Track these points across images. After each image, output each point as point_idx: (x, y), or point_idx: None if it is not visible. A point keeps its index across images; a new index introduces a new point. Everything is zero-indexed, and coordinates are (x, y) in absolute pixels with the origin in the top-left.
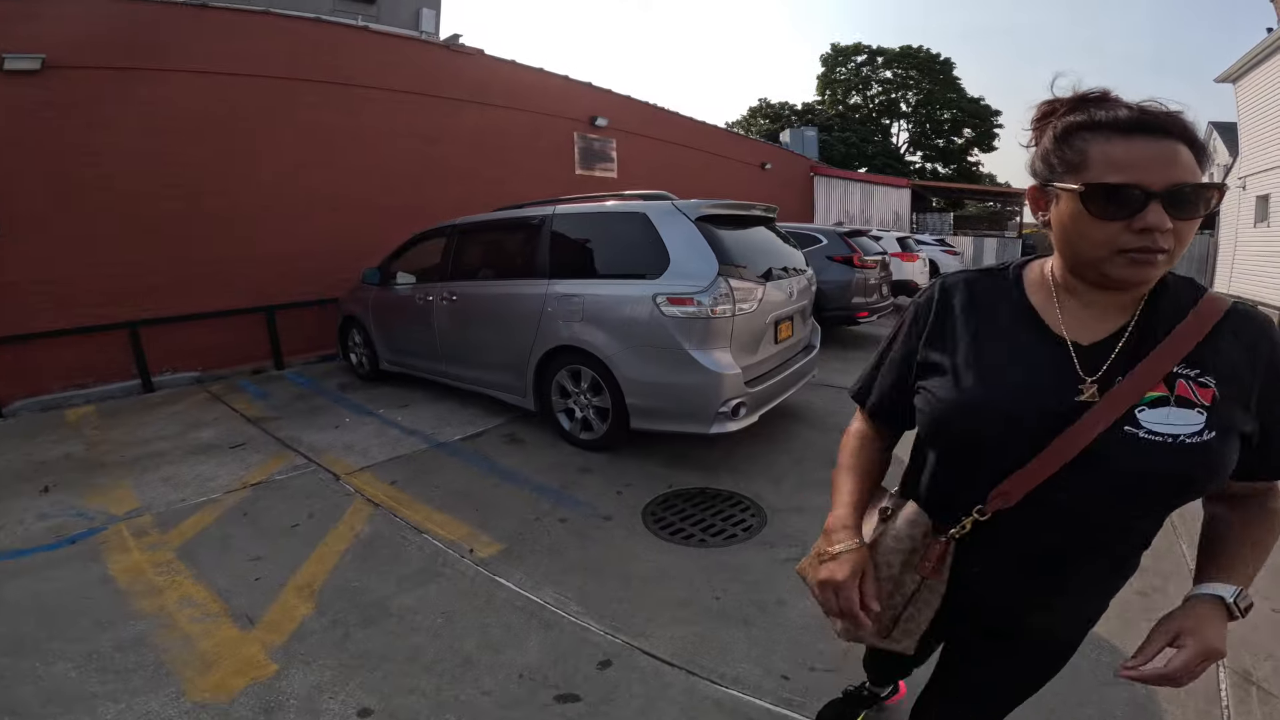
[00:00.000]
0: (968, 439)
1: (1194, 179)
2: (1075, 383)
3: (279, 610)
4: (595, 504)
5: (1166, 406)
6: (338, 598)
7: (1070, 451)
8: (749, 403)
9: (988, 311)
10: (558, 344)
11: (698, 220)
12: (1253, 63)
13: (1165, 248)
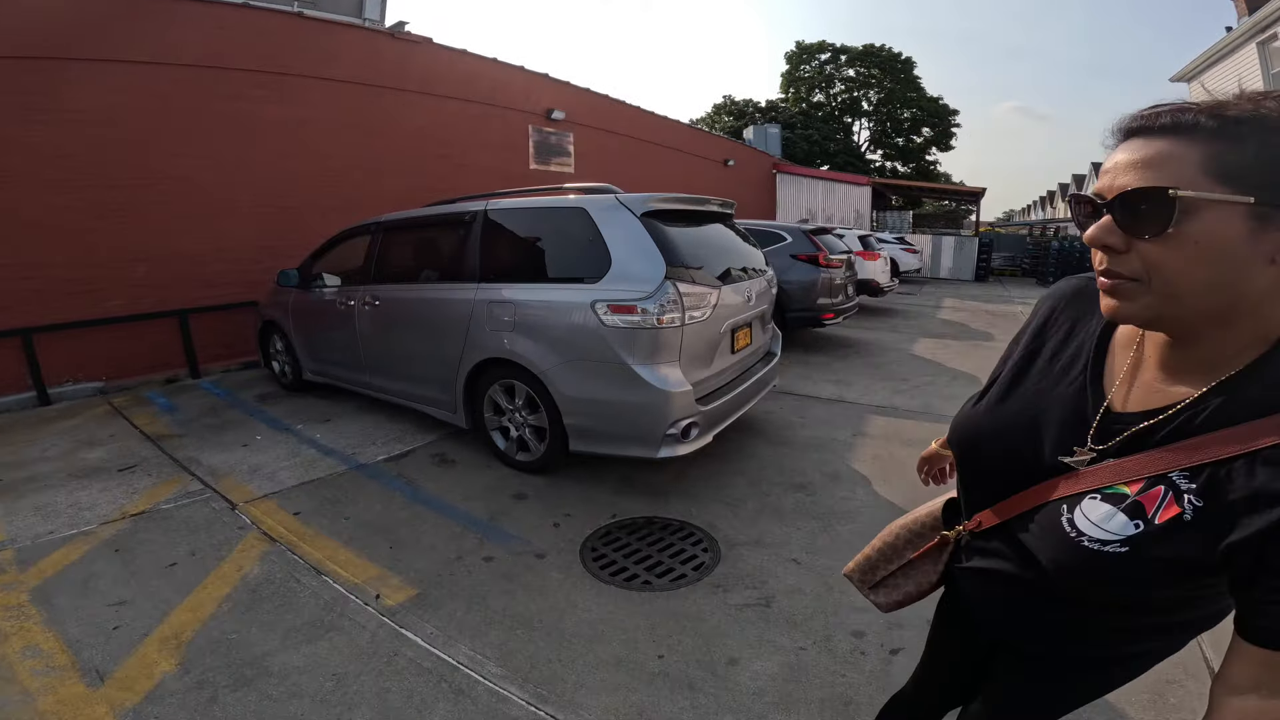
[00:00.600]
0: (961, 453)
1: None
2: (1075, 443)
3: (136, 665)
4: (528, 538)
5: (1115, 507)
6: (209, 652)
7: (1020, 507)
8: (701, 423)
9: (1069, 328)
10: (488, 356)
11: (644, 216)
12: (1208, 62)
13: (1120, 271)
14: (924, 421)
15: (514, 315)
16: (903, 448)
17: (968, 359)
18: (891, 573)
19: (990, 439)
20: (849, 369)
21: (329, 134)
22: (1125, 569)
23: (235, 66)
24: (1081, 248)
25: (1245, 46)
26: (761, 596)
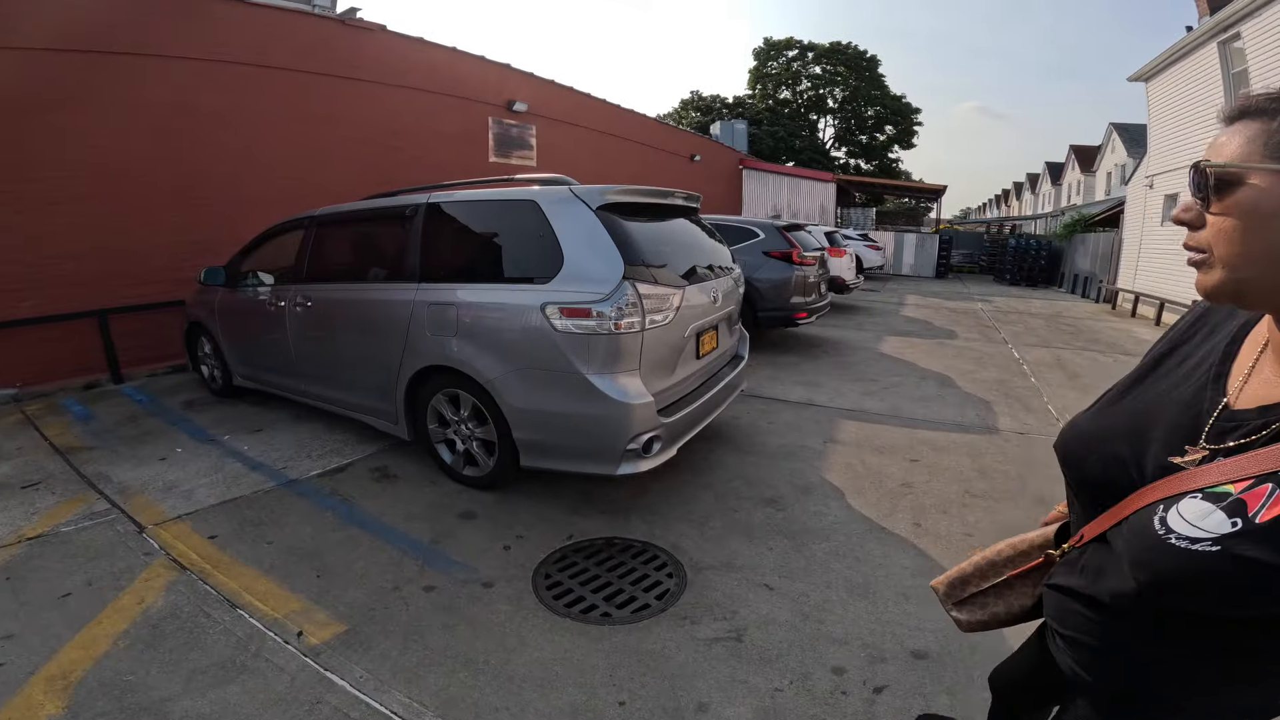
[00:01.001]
0: (1065, 463)
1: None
2: (1188, 442)
3: (20, 707)
4: (475, 564)
5: (1214, 505)
6: (100, 695)
7: (1119, 516)
8: (664, 436)
9: (1209, 332)
10: (430, 363)
11: (600, 210)
12: (1167, 62)
13: (1191, 245)
14: (894, 426)
15: (457, 319)
16: (875, 455)
17: (934, 358)
18: (983, 590)
19: (1095, 442)
20: (817, 369)
21: (271, 124)
22: (1214, 573)
23: (166, 54)
24: (1037, 245)
25: (1206, 46)
26: (732, 629)
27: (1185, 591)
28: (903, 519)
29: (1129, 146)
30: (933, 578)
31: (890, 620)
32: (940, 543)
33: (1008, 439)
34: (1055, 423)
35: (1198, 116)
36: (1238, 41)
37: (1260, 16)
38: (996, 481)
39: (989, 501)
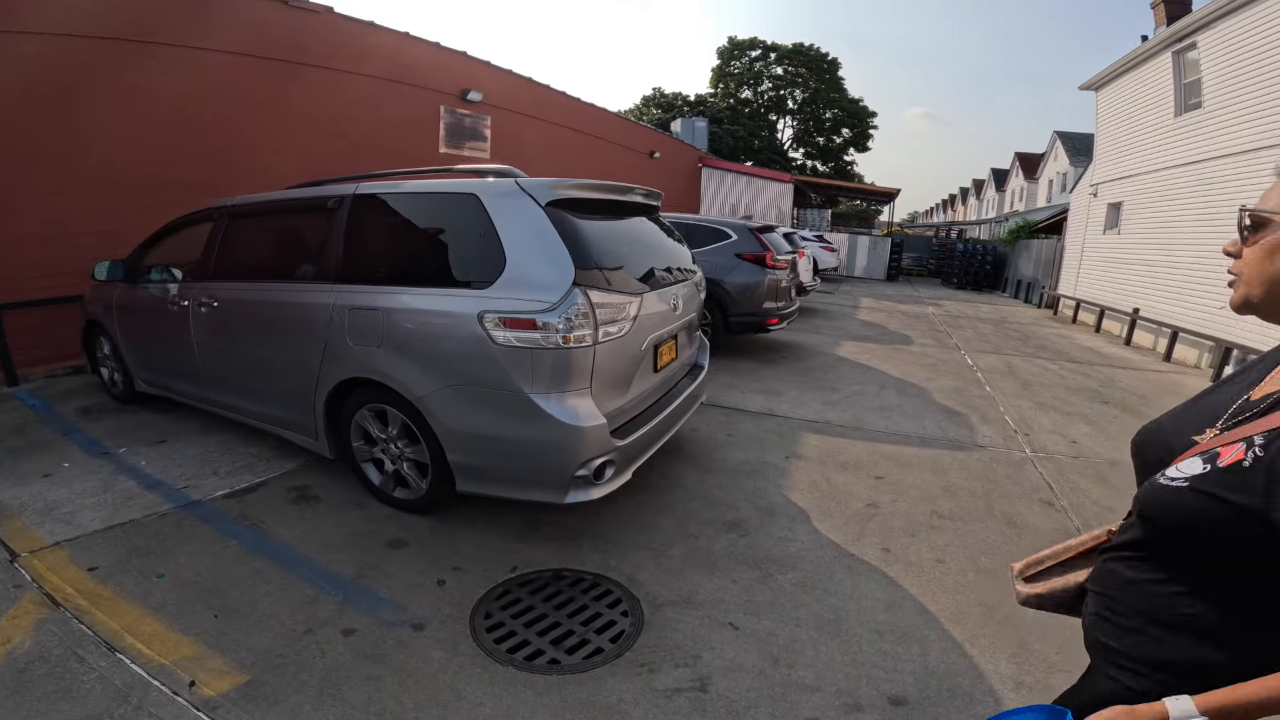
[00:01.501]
0: (1134, 454)
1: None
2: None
3: None
4: (404, 602)
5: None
6: None
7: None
8: (619, 460)
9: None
10: (352, 375)
11: (550, 206)
12: (1119, 70)
13: (1230, 270)
14: (857, 440)
15: (383, 326)
16: (839, 472)
17: (891, 364)
18: (1049, 567)
19: (1156, 435)
20: (777, 376)
21: (202, 108)
22: (1181, 505)
23: (89, 34)
24: (983, 250)
25: (1160, 55)
26: (695, 677)
27: (1161, 523)
28: (871, 544)
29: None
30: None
31: (865, 661)
32: (911, 570)
33: (970, 453)
34: (1014, 434)
35: (1145, 125)
36: (1193, 51)
37: (1218, 26)
38: (963, 501)
39: (957, 523)
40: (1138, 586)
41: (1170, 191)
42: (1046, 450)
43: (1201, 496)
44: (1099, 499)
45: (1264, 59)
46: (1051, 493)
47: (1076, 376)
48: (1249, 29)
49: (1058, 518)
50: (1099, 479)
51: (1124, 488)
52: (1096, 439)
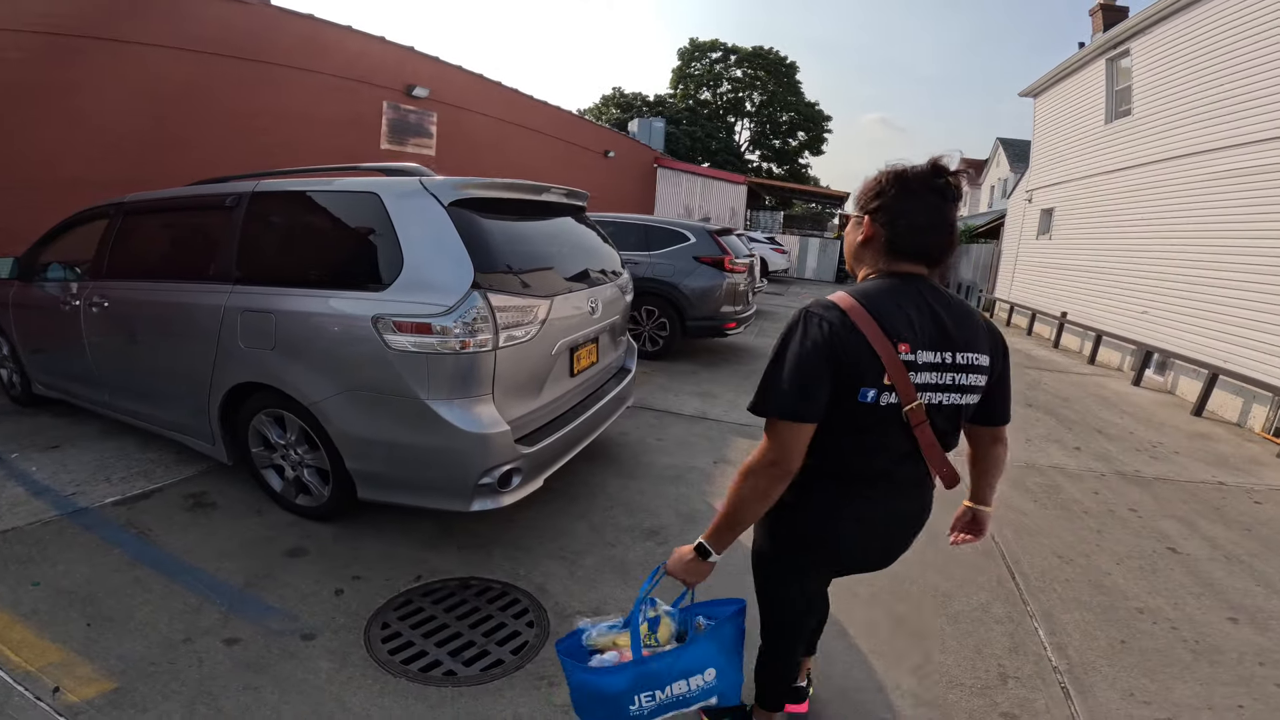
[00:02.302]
0: None
1: None
2: None
3: None
4: (296, 611)
5: None
6: None
7: None
8: (526, 467)
9: None
10: (245, 379)
11: (455, 206)
12: (1057, 77)
13: None
14: None
15: (275, 329)
16: None
17: None
18: None
19: None
20: (715, 378)
21: (116, 103)
22: None
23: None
24: None
25: (1095, 62)
26: None
27: None
28: None
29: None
30: None
31: None
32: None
33: None
34: None
35: (1077, 132)
36: (1126, 59)
37: (1152, 33)
38: None
39: None
40: None
41: (1098, 198)
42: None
43: None
44: (1014, 503)
45: (1193, 65)
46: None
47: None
48: (1181, 35)
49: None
50: (1015, 482)
51: (1037, 491)
52: (1018, 442)
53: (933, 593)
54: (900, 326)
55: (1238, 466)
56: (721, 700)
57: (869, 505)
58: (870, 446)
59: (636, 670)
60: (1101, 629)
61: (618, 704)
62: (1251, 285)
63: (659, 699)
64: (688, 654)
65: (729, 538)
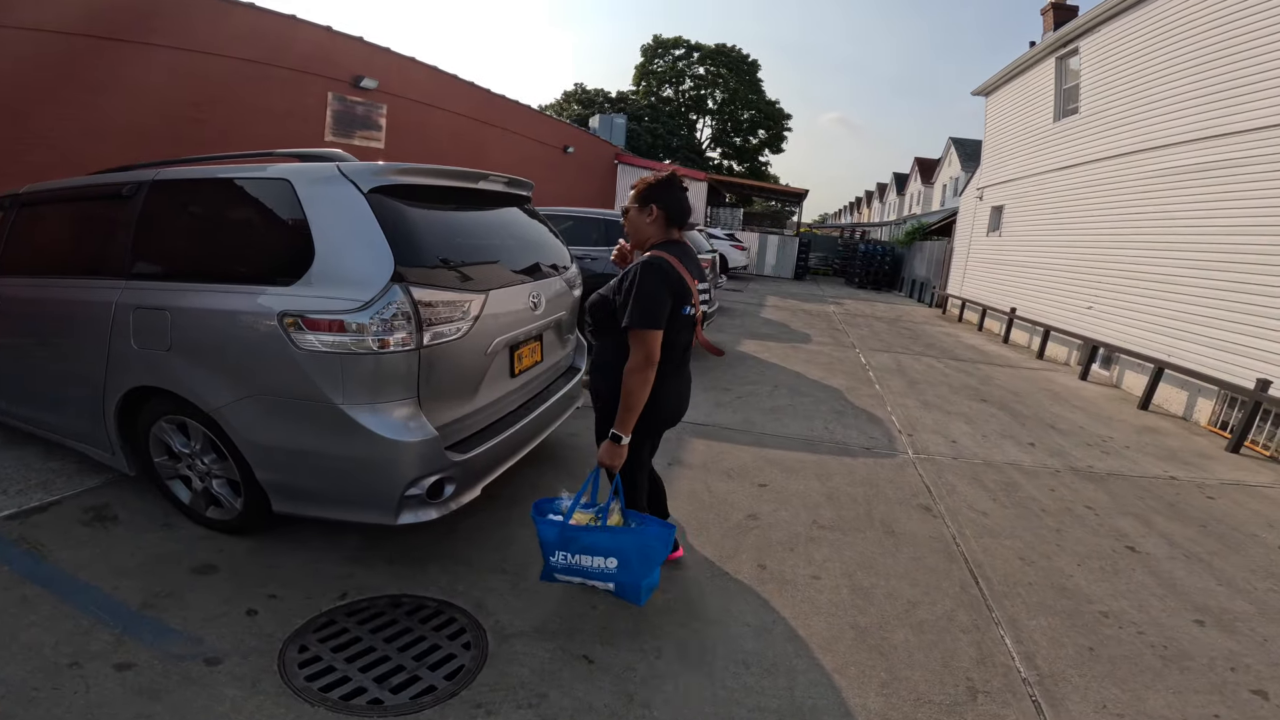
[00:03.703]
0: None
1: None
2: None
3: None
4: (201, 633)
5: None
6: None
7: None
8: (460, 476)
9: None
10: (140, 383)
11: (376, 193)
12: (1008, 77)
13: None
14: (744, 444)
15: (170, 327)
16: (722, 480)
17: (788, 362)
18: None
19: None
20: None
21: (25, 90)
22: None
23: None
24: (882, 251)
25: (1045, 61)
26: (543, 716)
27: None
28: (747, 560)
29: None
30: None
31: (727, 699)
32: (786, 589)
33: (855, 456)
34: (899, 434)
35: (1026, 130)
36: (1075, 57)
37: (1099, 32)
38: (844, 508)
39: (837, 534)
40: (599, 354)
41: (1046, 195)
42: (928, 451)
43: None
44: (973, 502)
45: (1138, 64)
46: (930, 496)
47: (959, 375)
48: (1127, 34)
49: (934, 524)
50: (974, 480)
51: (995, 489)
52: (974, 438)
53: (895, 600)
54: (690, 268)
55: (1187, 461)
56: (618, 591)
57: (681, 381)
58: (683, 343)
59: (561, 530)
60: (1069, 635)
61: (548, 548)
62: (1195, 280)
63: (569, 561)
64: (599, 536)
65: (631, 421)
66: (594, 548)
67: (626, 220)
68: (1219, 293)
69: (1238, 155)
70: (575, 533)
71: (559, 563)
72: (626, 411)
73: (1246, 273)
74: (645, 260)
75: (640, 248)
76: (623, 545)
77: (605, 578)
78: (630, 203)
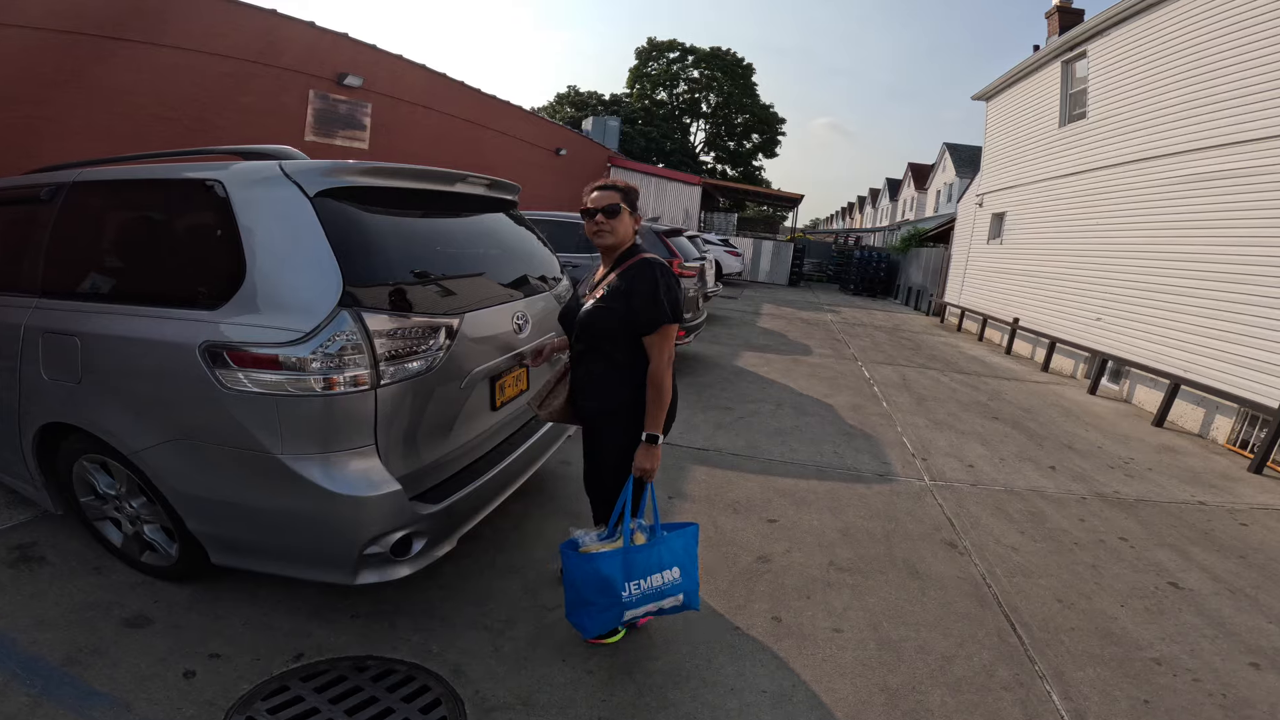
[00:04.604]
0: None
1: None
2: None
3: None
4: (128, 698)
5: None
6: None
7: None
8: (431, 529)
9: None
10: (52, 419)
11: (325, 197)
12: (1010, 81)
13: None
14: (751, 472)
15: (80, 356)
16: (728, 516)
17: (789, 378)
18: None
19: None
20: None
21: None
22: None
23: None
24: (877, 258)
25: (1050, 65)
26: None
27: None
28: (760, 611)
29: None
30: (797, 704)
31: None
32: (805, 646)
33: (869, 485)
34: (912, 458)
35: (1030, 135)
36: (1082, 61)
37: (1109, 35)
38: (862, 546)
39: (857, 577)
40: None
41: (1051, 202)
42: (945, 477)
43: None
44: (1000, 536)
45: (1151, 69)
46: (954, 530)
47: (966, 389)
48: (1140, 38)
49: (961, 562)
50: (998, 510)
51: (1022, 520)
52: (991, 462)
53: (927, 655)
54: None
55: (1213, 483)
56: (686, 601)
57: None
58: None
59: (625, 556)
60: (1120, 687)
61: (613, 588)
62: (1213, 293)
63: (643, 587)
64: (659, 549)
65: (663, 418)
66: (659, 563)
67: (615, 220)
68: (1239, 305)
69: (1258, 163)
70: (636, 555)
71: (632, 597)
72: (660, 410)
73: (1268, 284)
74: (655, 260)
75: (617, 248)
76: (675, 550)
77: (675, 590)
78: (622, 203)
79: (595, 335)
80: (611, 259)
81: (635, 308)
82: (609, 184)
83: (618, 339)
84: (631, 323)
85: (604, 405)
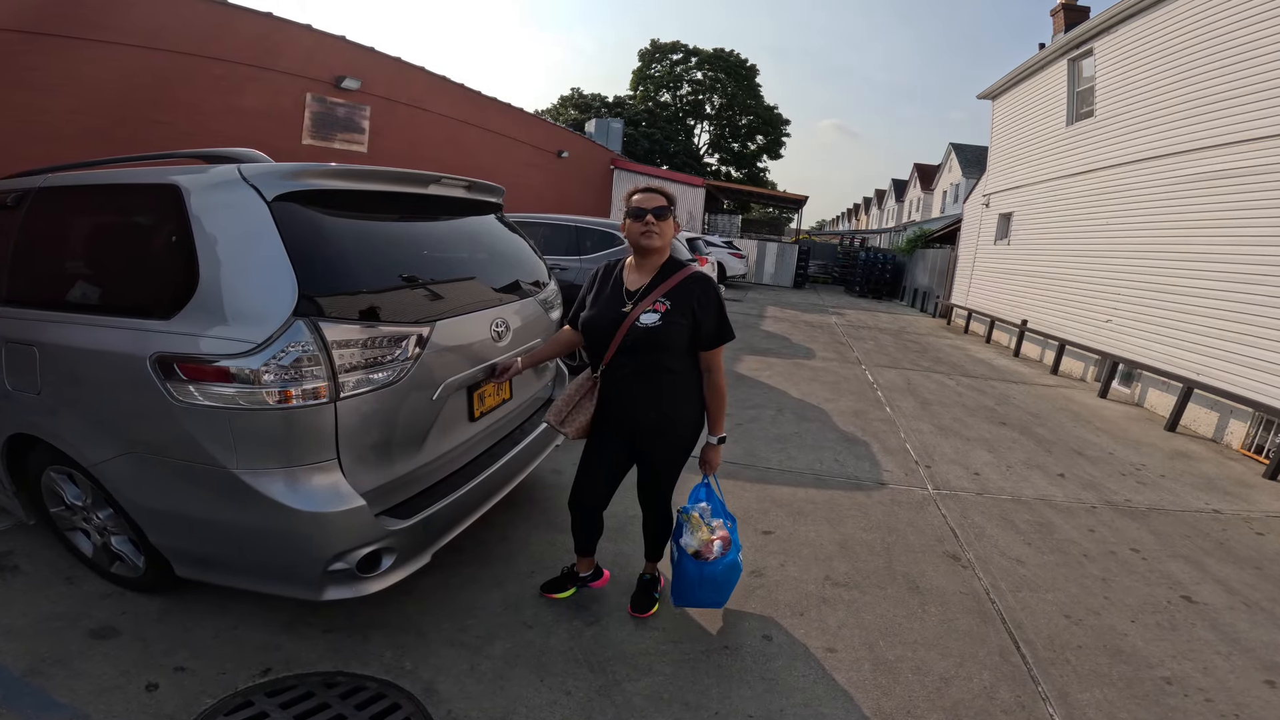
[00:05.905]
0: (589, 337)
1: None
2: (622, 305)
3: None
4: (88, 710)
5: (647, 313)
6: None
7: (619, 338)
8: (401, 545)
9: (605, 278)
10: (17, 430)
11: (285, 201)
12: (1016, 79)
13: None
14: (748, 481)
15: (40, 367)
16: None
17: (791, 382)
18: (572, 410)
19: (595, 321)
20: None
21: None
22: (657, 334)
23: None
24: (883, 259)
25: (1057, 63)
26: None
27: (652, 344)
28: (750, 629)
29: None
30: None
31: None
32: (796, 667)
33: (869, 494)
34: (915, 466)
35: (1037, 134)
36: (1089, 58)
37: (1116, 33)
38: (860, 559)
39: (854, 592)
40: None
41: (1059, 202)
42: (949, 486)
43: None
44: (1006, 547)
45: (1161, 65)
46: (957, 542)
47: (973, 394)
48: (1147, 34)
49: (964, 576)
50: (1004, 520)
51: (1029, 531)
52: (998, 469)
53: (925, 676)
54: None
55: (1228, 491)
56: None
57: None
58: None
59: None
60: (1128, 709)
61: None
62: (1228, 294)
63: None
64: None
65: (724, 421)
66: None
67: (664, 223)
68: (1253, 306)
69: (1272, 160)
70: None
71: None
72: (723, 414)
73: None
74: (710, 277)
75: (661, 253)
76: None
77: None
78: (669, 206)
79: (659, 348)
80: (652, 268)
81: (702, 323)
82: (656, 188)
83: (677, 351)
84: (695, 338)
85: (669, 415)
